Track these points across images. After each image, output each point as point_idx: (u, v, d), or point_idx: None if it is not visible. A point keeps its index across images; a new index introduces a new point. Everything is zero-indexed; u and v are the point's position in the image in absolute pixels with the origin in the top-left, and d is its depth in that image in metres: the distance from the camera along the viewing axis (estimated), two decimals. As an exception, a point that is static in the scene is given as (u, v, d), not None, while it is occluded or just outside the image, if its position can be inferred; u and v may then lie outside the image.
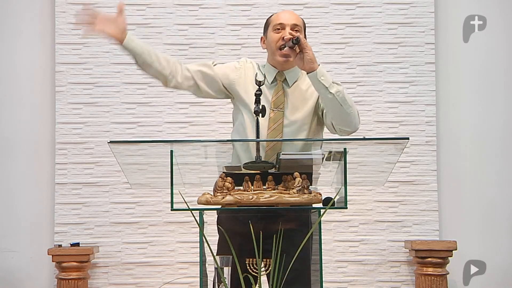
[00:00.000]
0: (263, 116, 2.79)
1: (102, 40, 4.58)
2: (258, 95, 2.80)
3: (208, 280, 2.61)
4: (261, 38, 3.09)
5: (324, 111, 2.91)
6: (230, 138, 3.19)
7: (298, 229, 2.82)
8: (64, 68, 4.55)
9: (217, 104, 4.52)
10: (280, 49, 2.91)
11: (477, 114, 4.64)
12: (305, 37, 2.97)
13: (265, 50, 3.06)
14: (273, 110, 2.93)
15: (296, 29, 2.93)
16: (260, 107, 2.77)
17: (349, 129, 2.86)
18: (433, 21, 4.63)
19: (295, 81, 3.00)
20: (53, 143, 4.55)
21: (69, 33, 4.56)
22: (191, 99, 4.56)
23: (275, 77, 2.99)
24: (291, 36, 2.81)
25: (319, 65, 2.77)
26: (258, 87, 2.70)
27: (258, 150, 2.68)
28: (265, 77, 2.81)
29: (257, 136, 2.76)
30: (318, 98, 2.93)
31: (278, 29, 2.94)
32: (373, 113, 4.59)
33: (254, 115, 2.79)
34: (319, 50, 4.58)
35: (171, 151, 2.53)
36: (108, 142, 2.52)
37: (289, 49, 2.80)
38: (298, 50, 2.77)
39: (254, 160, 2.65)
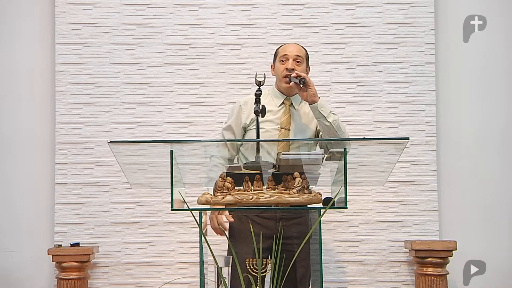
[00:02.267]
0: (263, 116, 2.84)
1: (102, 40, 4.58)
2: (258, 95, 2.84)
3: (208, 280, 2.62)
4: (271, 66, 3.52)
5: (320, 134, 3.31)
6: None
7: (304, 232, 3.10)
8: (64, 68, 4.55)
9: (217, 104, 4.53)
10: (285, 77, 3.35)
11: (477, 114, 4.64)
12: (307, 65, 3.46)
13: (274, 76, 3.49)
14: (281, 129, 3.27)
15: (298, 60, 3.37)
16: (260, 107, 2.80)
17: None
18: (433, 21, 4.62)
19: (300, 103, 3.38)
20: (53, 143, 4.55)
21: (69, 33, 4.56)
22: (191, 99, 4.57)
23: (282, 102, 3.39)
24: (299, 76, 3.20)
25: (319, 98, 3.20)
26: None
27: (258, 150, 2.70)
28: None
29: (257, 136, 2.77)
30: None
31: (283, 60, 3.39)
32: (373, 113, 4.59)
33: (254, 115, 2.81)
34: (319, 50, 4.59)
35: (171, 151, 2.53)
36: (108, 142, 2.52)
37: (295, 84, 3.23)
38: (302, 85, 3.20)
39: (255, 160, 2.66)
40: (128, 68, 4.56)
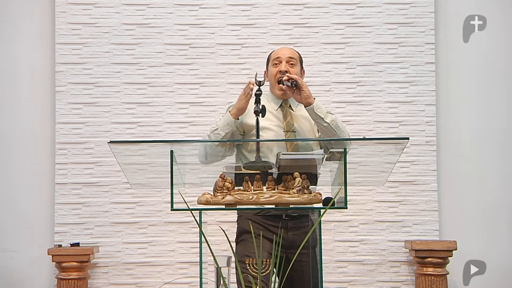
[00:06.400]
0: (263, 116, 2.83)
1: (102, 40, 4.58)
2: (258, 95, 2.84)
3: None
4: (264, 72, 3.35)
5: (319, 135, 3.21)
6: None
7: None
8: (64, 68, 4.55)
9: (217, 104, 4.53)
10: (278, 82, 3.20)
11: (477, 114, 4.64)
12: (302, 68, 3.32)
13: (268, 81, 3.32)
14: (287, 132, 3.17)
15: (291, 62, 3.23)
16: (260, 107, 2.81)
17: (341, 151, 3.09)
18: (433, 21, 4.63)
19: (298, 105, 3.25)
20: (53, 143, 4.55)
21: (69, 33, 4.56)
22: (191, 99, 4.57)
23: (280, 104, 3.26)
24: (290, 78, 3.08)
25: (314, 98, 3.08)
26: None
27: (258, 150, 2.70)
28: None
29: (257, 136, 2.77)
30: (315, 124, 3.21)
31: (276, 63, 3.24)
32: (373, 113, 4.59)
33: (255, 115, 2.81)
34: (319, 50, 4.59)
35: (171, 151, 2.53)
36: (108, 142, 2.52)
37: (287, 87, 3.10)
38: (294, 87, 3.08)
39: (255, 160, 2.66)
40: (128, 68, 4.56)
